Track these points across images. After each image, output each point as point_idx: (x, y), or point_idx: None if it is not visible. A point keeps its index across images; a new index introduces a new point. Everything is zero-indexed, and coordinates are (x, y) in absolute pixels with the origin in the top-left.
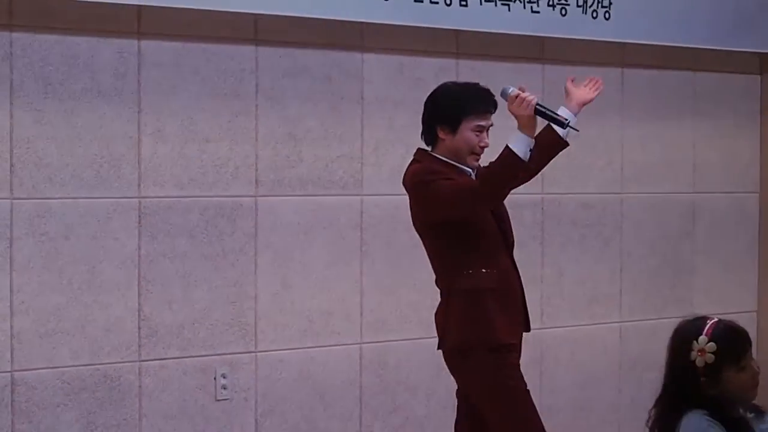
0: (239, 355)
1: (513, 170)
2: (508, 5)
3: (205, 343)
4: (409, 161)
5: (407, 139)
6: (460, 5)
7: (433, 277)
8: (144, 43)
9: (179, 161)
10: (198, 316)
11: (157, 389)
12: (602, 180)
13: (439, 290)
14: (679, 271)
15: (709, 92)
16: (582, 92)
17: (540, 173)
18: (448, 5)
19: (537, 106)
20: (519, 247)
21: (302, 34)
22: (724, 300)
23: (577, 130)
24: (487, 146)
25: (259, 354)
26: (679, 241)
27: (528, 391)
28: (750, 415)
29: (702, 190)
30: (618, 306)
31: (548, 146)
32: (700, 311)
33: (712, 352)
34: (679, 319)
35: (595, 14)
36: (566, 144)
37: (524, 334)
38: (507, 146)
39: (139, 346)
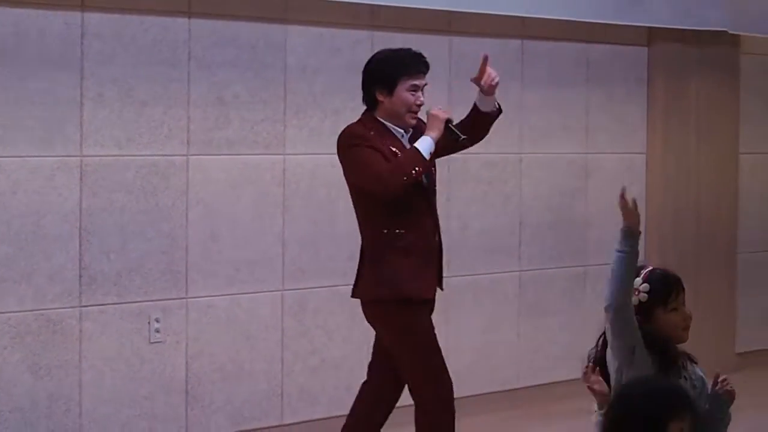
0: (171, 301)
1: (415, 164)
2: None
3: (140, 290)
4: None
5: (325, 104)
6: None
7: (348, 230)
8: (87, 15)
9: (118, 123)
10: (134, 265)
11: (96, 333)
12: (504, 141)
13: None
14: (573, 225)
15: (601, 62)
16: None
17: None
18: None
19: (447, 122)
20: None
21: (231, 7)
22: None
23: (466, 145)
24: (422, 104)
25: (189, 300)
26: (573, 197)
27: (434, 342)
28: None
29: (594, 151)
30: (518, 256)
31: (485, 117)
32: (593, 262)
33: (645, 292)
34: (572, 269)
35: None
36: (500, 111)
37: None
38: (414, 146)
39: (80, 293)
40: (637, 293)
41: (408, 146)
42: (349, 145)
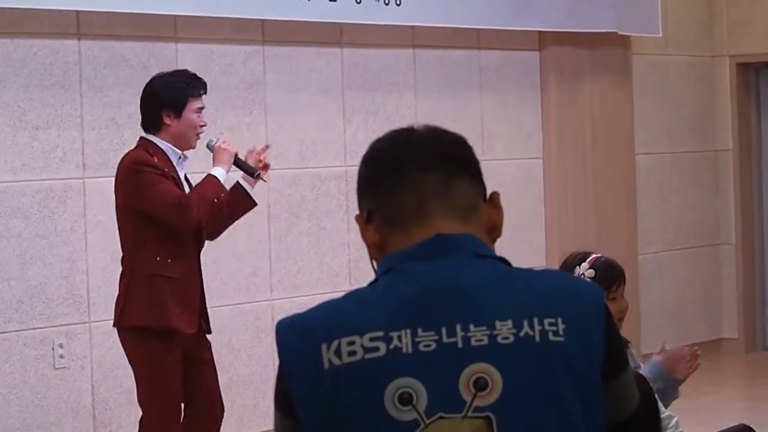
0: (74, 325)
1: (217, 192)
2: None
3: (43, 316)
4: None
5: (219, 120)
6: None
7: (249, 247)
8: None
9: (12, 148)
10: (35, 291)
11: (0, 360)
12: None
13: (122, 267)
14: None
15: (493, 68)
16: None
17: (344, 145)
18: None
19: (236, 157)
20: (326, 217)
21: (121, 27)
22: (516, 257)
23: (266, 180)
24: (205, 125)
25: (92, 324)
26: None
27: (170, 382)
28: None
29: (490, 158)
30: None
31: (241, 206)
32: None
33: (590, 277)
34: None
35: (387, 1)
36: (255, 204)
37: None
38: (210, 174)
39: None
40: (582, 276)
41: (181, 171)
42: (136, 170)
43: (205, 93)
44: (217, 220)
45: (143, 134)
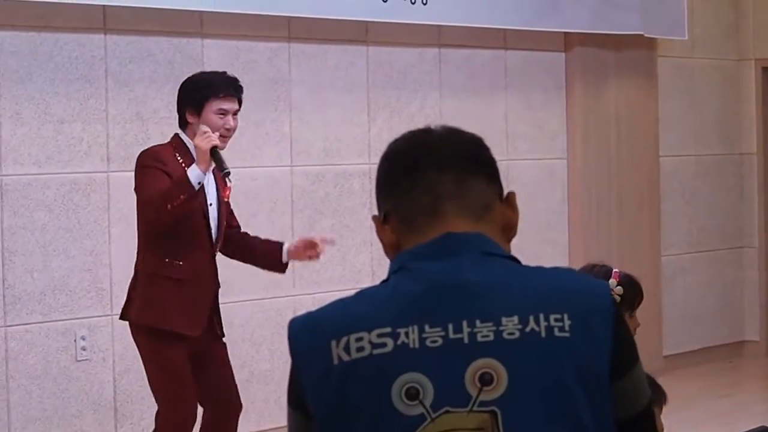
0: (97, 318)
1: (181, 191)
2: None
3: (65, 308)
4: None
5: (246, 116)
6: None
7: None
8: (1, 33)
9: (36, 141)
10: (58, 283)
11: (22, 352)
12: None
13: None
14: None
15: (518, 69)
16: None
17: (368, 143)
18: None
19: (215, 148)
20: (350, 214)
21: (147, 23)
22: (538, 257)
23: (230, 183)
24: (231, 128)
25: (115, 317)
26: None
27: (180, 373)
28: None
29: (514, 158)
30: None
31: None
32: None
33: (619, 295)
34: None
35: (413, 0)
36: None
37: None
38: (185, 172)
39: (5, 312)
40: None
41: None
42: (142, 165)
43: (234, 95)
44: (166, 221)
45: (178, 130)
